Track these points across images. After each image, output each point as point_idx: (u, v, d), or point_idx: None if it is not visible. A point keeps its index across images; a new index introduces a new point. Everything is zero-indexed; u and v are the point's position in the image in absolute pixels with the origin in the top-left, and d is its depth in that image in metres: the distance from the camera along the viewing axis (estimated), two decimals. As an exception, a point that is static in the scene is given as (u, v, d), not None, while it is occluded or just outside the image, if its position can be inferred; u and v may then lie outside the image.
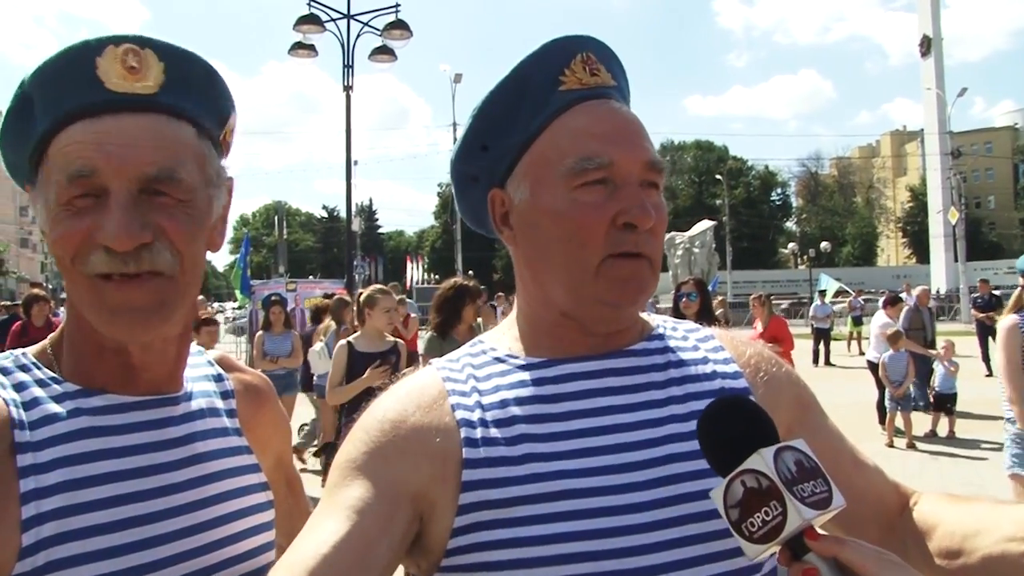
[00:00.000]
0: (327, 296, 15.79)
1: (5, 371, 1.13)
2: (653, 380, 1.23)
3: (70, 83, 1.09)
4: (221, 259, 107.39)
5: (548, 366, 1.23)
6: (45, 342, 1.21)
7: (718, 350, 1.30)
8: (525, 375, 1.22)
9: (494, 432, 1.15)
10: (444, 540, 1.12)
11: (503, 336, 1.32)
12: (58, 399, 1.12)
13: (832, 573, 0.95)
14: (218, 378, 1.35)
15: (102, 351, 1.16)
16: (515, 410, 1.18)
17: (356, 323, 7.08)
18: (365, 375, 6.25)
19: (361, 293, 7.05)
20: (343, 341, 6.79)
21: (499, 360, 1.26)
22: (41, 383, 1.14)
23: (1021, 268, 5.26)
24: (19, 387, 1.12)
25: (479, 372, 1.25)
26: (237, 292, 23.96)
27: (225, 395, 1.33)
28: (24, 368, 1.15)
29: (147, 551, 1.10)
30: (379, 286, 7.26)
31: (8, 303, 19.48)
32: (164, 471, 1.16)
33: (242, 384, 1.38)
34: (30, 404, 1.10)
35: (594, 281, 1.17)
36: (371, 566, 1.05)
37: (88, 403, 1.14)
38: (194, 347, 1.34)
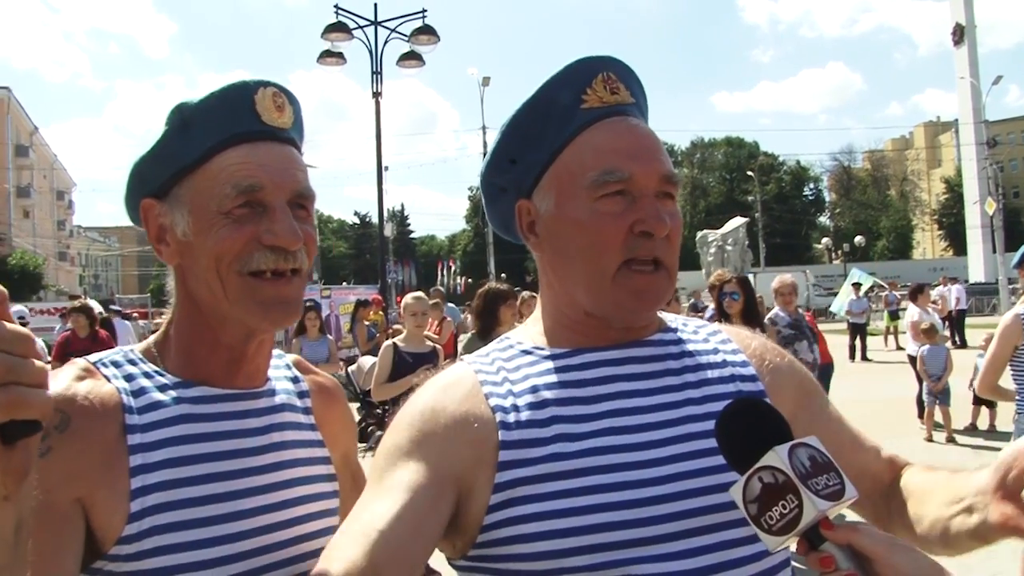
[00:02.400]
0: (361, 302, 15.96)
1: (116, 364, 1.32)
2: (670, 368, 1.34)
3: (234, 113, 1.31)
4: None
5: (572, 355, 1.34)
6: (150, 340, 1.41)
7: (727, 342, 1.42)
8: (551, 364, 1.33)
9: (526, 415, 1.26)
10: (480, 517, 1.22)
11: (528, 332, 1.42)
12: (161, 389, 1.30)
13: (847, 559, 1.00)
14: (295, 379, 1.51)
15: (216, 346, 1.35)
16: (545, 394, 1.28)
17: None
18: (413, 375, 6.39)
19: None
20: (388, 342, 7.20)
21: (526, 352, 1.37)
22: (147, 375, 1.32)
23: (1017, 262, 5.25)
24: (128, 378, 1.30)
25: (508, 364, 1.35)
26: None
27: (302, 394, 1.49)
28: (132, 362, 1.33)
29: (233, 523, 1.27)
30: (416, 293, 7.73)
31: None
32: (247, 455, 1.33)
33: (316, 385, 1.54)
34: (138, 392, 1.28)
35: (612, 286, 1.28)
36: (423, 539, 1.18)
37: (187, 393, 1.32)
38: (276, 352, 1.52)
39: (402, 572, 1.14)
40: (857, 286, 23.05)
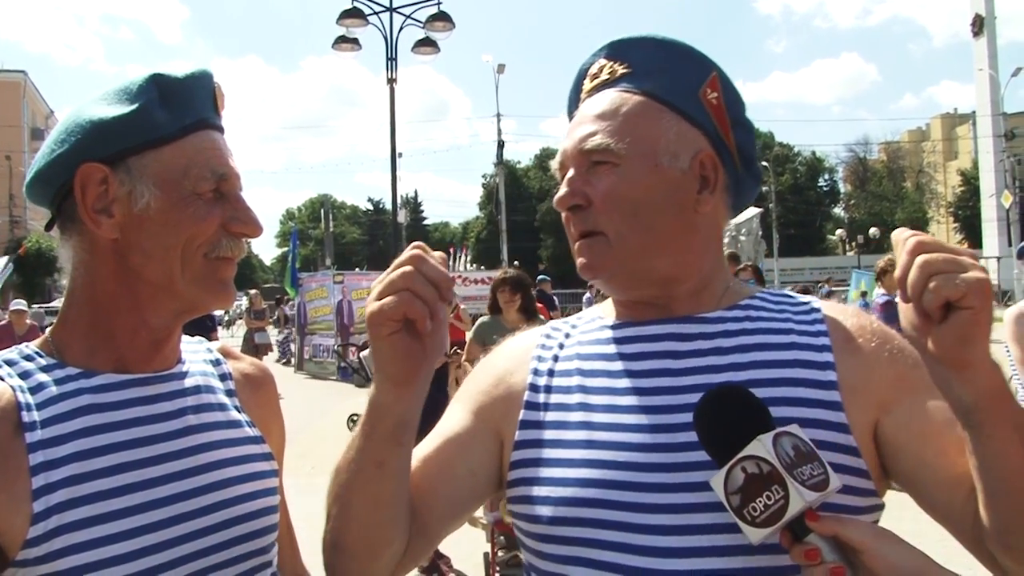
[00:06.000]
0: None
1: (11, 362, 1.28)
2: (719, 346, 1.28)
3: (204, 99, 1.34)
4: (268, 252, 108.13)
5: (619, 328, 1.37)
6: (47, 334, 1.36)
7: (815, 323, 1.30)
8: (600, 334, 1.38)
9: (557, 381, 1.33)
10: (507, 471, 1.33)
11: (610, 302, 1.45)
12: (61, 382, 1.26)
13: (833, 551, 1.00)
14: (216, 362, 1.50)
15: (139, 328, 1.32)
16: (580, 363, 1.34)
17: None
18: None
19: None
20: None
21: (597, 319, 1.43)
22: (45, 369, 1.28)
23: (1019, 253, 5.01)
24: (24, 374, 1.26)
25: (576, 329, 1.44)
26: (287, 286, 24.20)
27: (223, 377, 1.48)
28: (28, 358, 1.29)
29: (147, 513, 1.24)
30: None
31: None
32: (159, 441, 1.30)
33: (239, 371, 1.52)
34: (36, 388, 1.24)
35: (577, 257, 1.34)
36: (450, 478, 1.32)
37: (88, 383, 1.28)
38: (196, 339, 1.54)
39: (438, 486, 1.30)
40: (864, 295, 22.77)
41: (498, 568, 5.82)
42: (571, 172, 1.32)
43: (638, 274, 1.30)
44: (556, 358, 1.37)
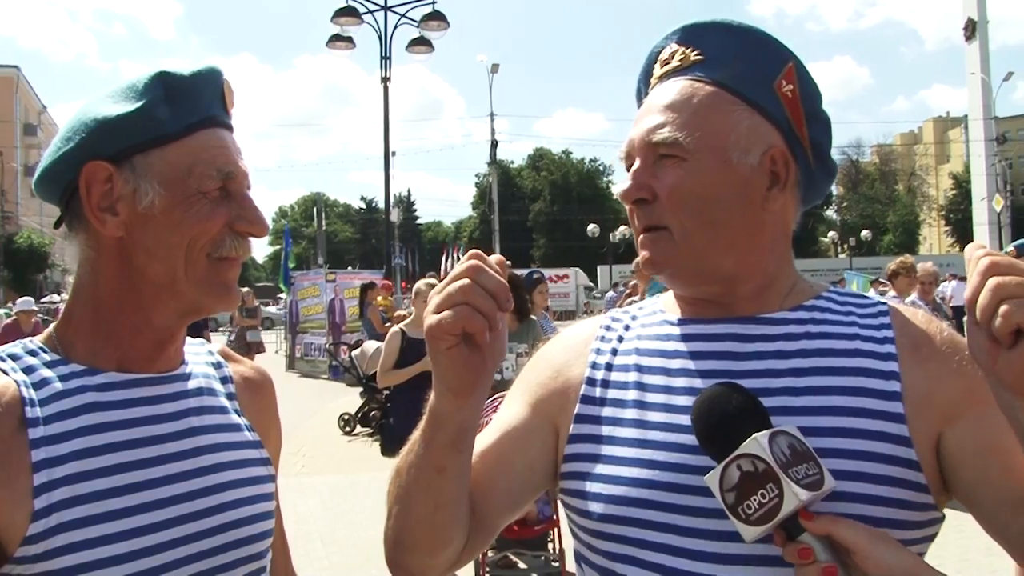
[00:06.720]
0: (367, 285, 15.99)
1: (15, 356, 1.26)
2: (780, 350, 1.23)
3: (212, 96, 1.33)
4: (261, 251, 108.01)
5: (681, 324, 1.33)
6: (50, 329, 1.34)
7: (881, 328, 1.24)
8: (660, 329, 1.34)
9: (614, 375, 1.31)
10: (560, 464, 1.31)
11: (671, 295, 1.41)
12: (65, 378, 1.24)
13: (826, 551, 0.99)
14: (218, 365, 1.48)
15: (144, 328, 1.31)
16: (639, 359, 1.32)
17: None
18: (421, 361, 6.21)
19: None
20: (396, 328, 7.13)
21: (659, 312, 1.39)
22: (49, 365, 1.26)
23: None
24: (28, 369, 1.24)
25: (636, 322, 1.40)
26: (281, 284, 24.24)
27: (224, 380, 1.46)
28: (32, 353, 1.27)
29: (147, 514, 1.23)
30: (428, 280, 7.72)
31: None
32: (161, 442, 1.29)
33: (240, 374, 1.50)
34: (39, 384, 1.22)
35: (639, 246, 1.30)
36: (508, 472, 1.32)
37: (92, 381, 1.26)
38: (197, 341, 1.51)
39: (496, 480, 1.30)
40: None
41: (487, 568, 5.81)
42: (637, 164, 1.26)
43: (702, 271, 1.26)
44: (615, 351, 1.34)
